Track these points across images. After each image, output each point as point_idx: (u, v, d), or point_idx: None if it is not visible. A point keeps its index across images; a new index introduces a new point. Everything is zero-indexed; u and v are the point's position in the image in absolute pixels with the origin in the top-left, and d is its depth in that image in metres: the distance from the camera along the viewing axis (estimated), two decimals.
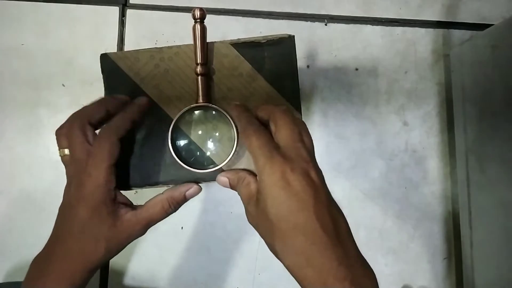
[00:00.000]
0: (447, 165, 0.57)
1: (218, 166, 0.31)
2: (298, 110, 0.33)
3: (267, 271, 0.54)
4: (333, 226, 0.26)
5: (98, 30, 0.56)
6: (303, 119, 0.33)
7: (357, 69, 0.58)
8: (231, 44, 0.33)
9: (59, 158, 0.31)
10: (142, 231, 0.31)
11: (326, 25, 0.58)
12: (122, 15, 0.56)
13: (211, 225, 0.54)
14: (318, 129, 0.57)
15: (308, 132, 0.29)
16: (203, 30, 0.31)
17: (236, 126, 0.32)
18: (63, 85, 0.54)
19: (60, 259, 0.29)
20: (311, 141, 0.29)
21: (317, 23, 0.58)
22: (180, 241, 0.54)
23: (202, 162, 0.33)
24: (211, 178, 0.33)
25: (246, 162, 0.33)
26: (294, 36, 0.33)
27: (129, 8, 0.56)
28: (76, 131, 0.29)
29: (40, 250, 0.31)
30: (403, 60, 0.58)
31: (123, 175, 0.33)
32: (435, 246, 0.56)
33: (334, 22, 0.58)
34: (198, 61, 0.31)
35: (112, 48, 0.56)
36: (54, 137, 0.31)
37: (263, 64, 0.33)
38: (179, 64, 0.33)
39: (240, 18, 0.57)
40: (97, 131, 0.30)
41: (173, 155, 0.31)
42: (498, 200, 0.45)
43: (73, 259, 0.29)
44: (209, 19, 0.31)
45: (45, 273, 0.29)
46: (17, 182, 0.53)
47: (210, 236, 0.54)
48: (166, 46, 0.33)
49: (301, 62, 0.57)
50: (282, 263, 0.26)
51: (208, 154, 0.33)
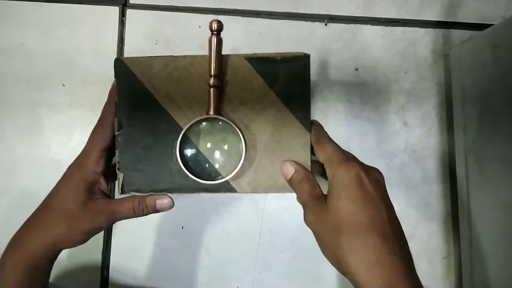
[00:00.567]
0: (447, 165, 0.58)
1: (224, 178, 0.32)
2: (308, 129, 0.33)
3: (267, 271, 0.54)
4: (399, 234, 0.27)
5: (98, 30, 0.56)
6: None
7: (357, 69, 0.58)
8: (246, 58, 0.33)
9: (59, 158, 0.32)
10: (106, 222, 0.32)
11: (326, 25, 0.58)
12: (122, 15, 0.56)
13: (211, 225, 0.55)
14: None
15: None
16: (219, 42, 0.31)
17: (244, 140, 0.32)
18: (63, 85, 0.54)
19: (27, 229, 0.33)
20: None
21: (317, 23, 0.58)
22: (180, 241, 0.54)
23: (208, 173, 0.33)
24: (217, 189, 0.33)
25: (251, 175, 0.33)
26: (309, 55, 0.33)
27: (129, 8, 0.56)
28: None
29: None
30: (403, 60, 0.58)
31: (129, 178, 0.33)
32: (435, 246, 0.57)
33: (334, 22, 0.58)
34: (212, 73, 0.31)
35: (112, 48, 0.56)
36: (55, 137, 0.32)
37: (276, 80, 0.33)
38: (193, 74, 0.33)
39: (240, 18, 0.57)
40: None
41: (180, 165, 0.31)
42: (497, 200, 0.45)
43: (37, 228, 0.32)
44: (209, 19, 0.31)
45: (12, 248, 0.32)
46: (17, 182, 0.53)
47: (210, 236, 0.54)
48: (181, 55, 0.33)
49: None
50: (344, 262, 0.26)
51: (215, 165, 0.33)
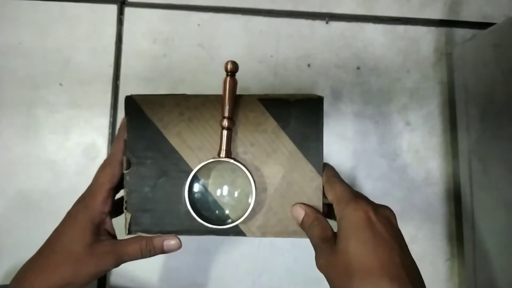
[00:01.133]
0: (450, 165, 0.57)
1: (233, 223, 0.31)
2: (319, 173, 0.33)
3: (267, 273, 0.54)
4: (415, 276, 0.26)
5: (96, 29, 0.55)
6: None
7: (358, 68, 0.57)
8: (259, 99, 0.33)
9: (56, 158, 0.31)
10: (113, 265, 0.31)
11: (327, 23, 0.58)
12: (120, 13, 0.56)
13: None
14: None
15: None
16: (234, 84, 0.31)
17: (255, 184, 0.31)
18: (61, 84, 0.54)
19: (31, 273, 0.31)
20: None
21: (318, 22, 0.57)
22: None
23: (217, 215, 0.32)
24: (225, 232, 0.33)
25: (262, 219, 0.33)
26: (323, 97, 0.33)
27: (127, 6, 0.56)
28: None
29: (36, 251, 0.31)
30: (405, 59, 0.58)
31: (136, 219, 0.32)
32: (438, 247, 0.56)
33: (335, 21, 0.58)
34: (226, 114, 0.31)
35: (110, 47, 0.55)
36: (51, 136, 0.31)
37: (289, 122, 0.33)
38: (204, 114, 0.33)
39: (240, 16, 0.56)
40: None
41: (188, 207, 0.31)
42: (501, 200, 0.45)
43: (41, 272, 0.30)
44: (209, 18, 0.30)
45: (22, 280, 0.30)
46: (14, 182, 0.52)
47: (210, 237, 0.54)
48: (193, 94, 0.33)
49: (302, 61, 0.57)
50: None
51: (224, 208, 0.33)
